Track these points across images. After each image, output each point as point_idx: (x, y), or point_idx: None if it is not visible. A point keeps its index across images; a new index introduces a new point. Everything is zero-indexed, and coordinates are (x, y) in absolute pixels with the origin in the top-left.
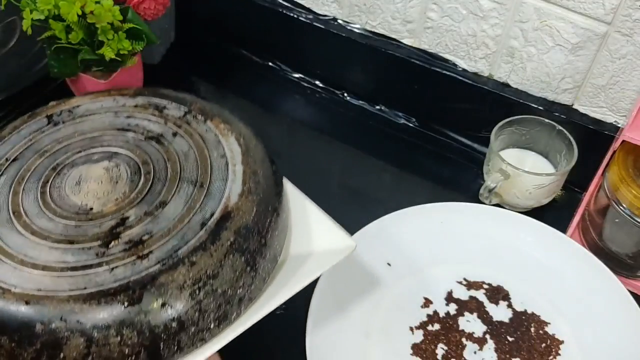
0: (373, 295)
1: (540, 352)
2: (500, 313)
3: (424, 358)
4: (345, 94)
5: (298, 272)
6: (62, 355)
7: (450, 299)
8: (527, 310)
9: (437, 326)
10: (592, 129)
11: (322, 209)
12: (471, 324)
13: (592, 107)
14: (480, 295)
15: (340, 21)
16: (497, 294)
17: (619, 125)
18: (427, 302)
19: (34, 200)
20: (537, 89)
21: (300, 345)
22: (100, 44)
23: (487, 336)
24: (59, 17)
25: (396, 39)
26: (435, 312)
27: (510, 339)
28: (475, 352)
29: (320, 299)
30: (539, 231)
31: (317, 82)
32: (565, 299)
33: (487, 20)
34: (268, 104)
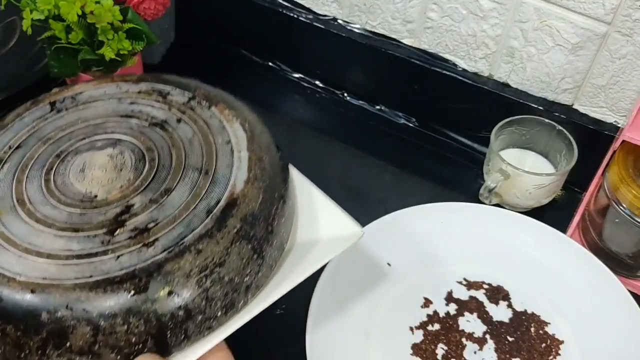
0: (373, 295)
1: (540, 352)
2: (500, 313)
3: (424, 358)
4: (345, 94)
5: (305, 259)
6: (68, 344)
7: (450, 299)
8: (527, 310)
9: (437, 326)
10: (592, 129)
11: None
12: (471, 324)
13: (592, 107)
14: (480, 295)
15: (340, 21)
16: (497, 294)
17: (619, 125)
18: (427, 302)
19: (37, 188)
20: (537, 89)
21: (300, 345)
22: (100, 44)
23: (487, 336)
24: (59, 17)
25: (396, 39)
26: (435, 312)
27: (510, 339)
28: (475, 352)
29: (320, 298)
30: (539, 231)
31: (317, 82)
32: (565, 299)
33: (487, 20)
34: (268, 104)
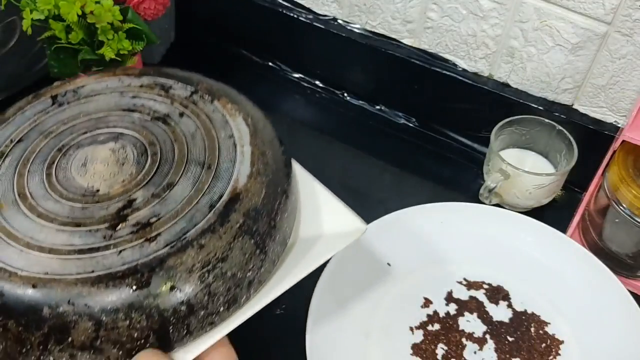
0: (373, 295)
1: (540, 352)
2: (500, 313)
3: (424, 358)
4: (345, 94)
5: (308, 254)
6: (70, 339)
7: (450, 299)
8: (527, 310)
9: (437, 326)
10: (592, 129)
11: None
12: (471, 324)
13: (592, 107)
14: (480, 295)
15: (340, 21)
16: (497, 294)
17: (619, 125)
18: (427, 302)
19: (39, 182)
20: (537, 89)
21: (300, 345)
22: (100, 44)
23: (487, 336)
24: (59, 17)
25: (396, 39)
26: (435, 312)
27: (510, 339)
28: (475, 352)
29: (320, 298)
30: (539, 231)
31: (317, 82)
32: (565, 299)
33: (487, 20)
34: (268, 104)
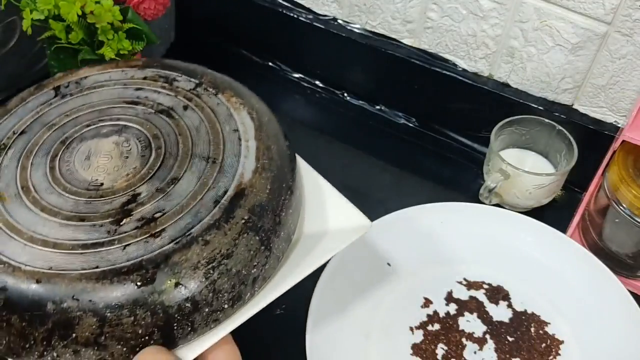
0: (373, 295)
1: (540, 352)
2: (500, 313)
3: (424, 358)
4: (345, 94)
5: (312, 251)
6: (74, 335)
7: (450, 299)
8: (527, 310)
9: (437, 326)
10: (592, 129)
11: None
12: (471, 324)
13: (592, 107)
14: (480, 295)
15: (340, 21)
16: (497, 294)
17: (619, 125)
18: (427, 302)
19: (42, 175)
20: (537, 89)
21: (300, 345)
22: (100, 44)
23: (487, 336)
24: (59, 17)
25: (396, 39)
26: (435, 312)
27: (510, 339)
28: (475, 352)
29: (320, 299)
30: (539, 231)
31: (317, 82)
32: (565, 299)
33: (487, 20)
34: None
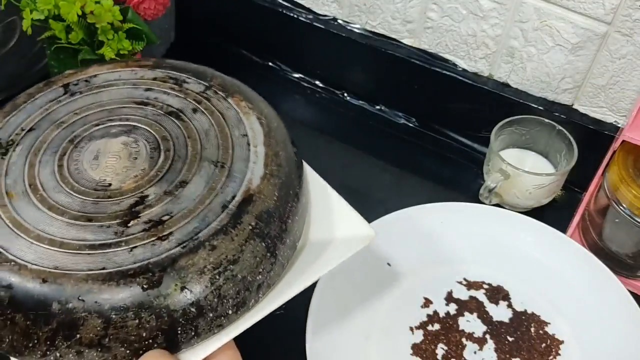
0: (373, 295)
1: (540, 352)
2: (500, 313)
3: (424, 358)
4: (345, 94)
5: (317, 259)
6: (78, 335)
7: (450, 299)
8: (527, 310)
9: (437, 326)
10: (592, 129)
11: None
12: (471, 324)
13: (592, 107)
14: (480, 295)
15: (340, 21)
16: (497, 294)
17: (619, 125)
18: (427, 302)
19: (50, 173)
20: (537, 89)
21: (300, 346)
22: (100, 44)
23: (487, 336)
24: (59, 17)
25: (396, 39)
26: (435, 312)
27: (510, 339)
28: (475, 352)
29: (320, 299)
30: (539, 231)
31: (317, 82)
32: (565, 299)
33: (487, 20)
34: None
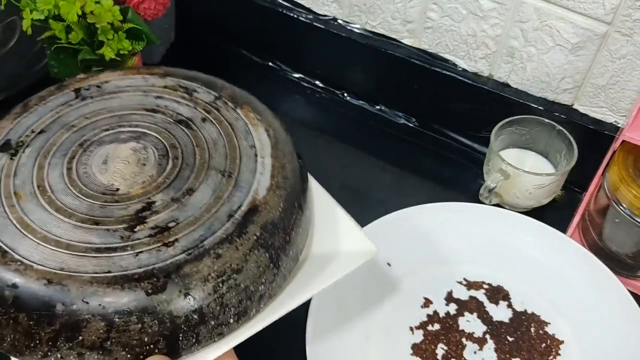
0: (373, 295)
1: (540, 352)
2: (500, 313)
3: (424, 358)
4: (345, 94)
5: (318, 272)
6: (80, 337)
7: (450, 299)
8: (527, 310)
9: (437, 326)
10: (592, 129)
11: None
12: (471, 324)
13: (592, 107)
14: (480, 295)
15: (340, 21)
16: (497, 294)
17: (619, 125)
18: (427, 302)
19: (59, 176)
20: (537, 89)
21: (300, 345)
22: (100, 44)
23: (487, 336)
24: (59, 17)
25: (396, 39)
26: (435, 312)
27: (510, 339)
28: (475, 352)
29: (320, 299)
30: (539, 231)
31: (317, 82)
32: (565, 299)
33: (487, 20)
34: (268, 104)
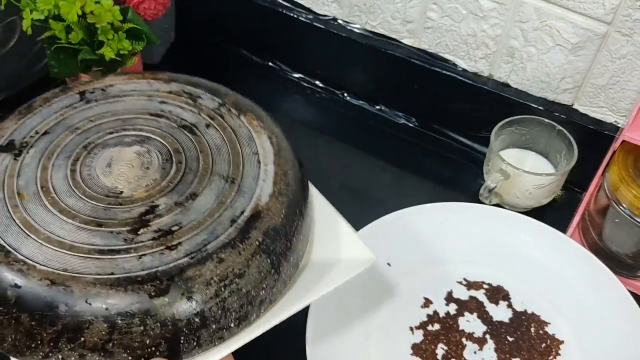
0: (373, 295)
1: (540, 352)
2: (500, 313)
3: (424, 358)
4: (345, 94)
5: (317, 279)
6: (82, 339)
7: (450, 299)
8: (527, 310)
9: (437, 326)
10: (592, 129)
11: None
12: (471, 324)
13: (592, 107)
14: (480, 295)
15: (340, 21)
16: (497, 294)
17: (619, 125)
18: (427, 302)
19: (63, 177)
20: (537, 89)
21: (300, 345)
22: (100, 44)
23: (487, 336)
24: (59, 17)
25: (396, 39)
26: (435, 312)
27: (510, 339)
28: (475, 352)
29: (320, 300)
30: (539, 231)
31: (317, 82)
32: (565, 299)
33: (487, 20)
34: (268, 104)
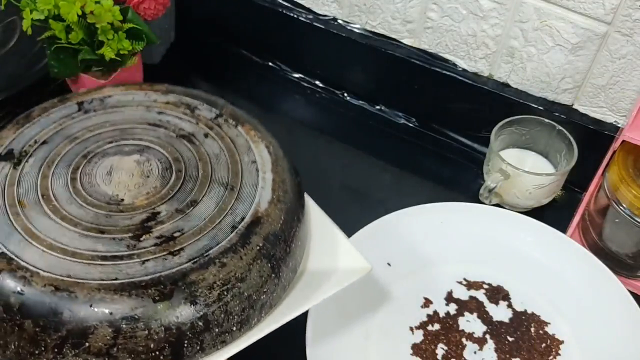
0: (373, 295)
1: (540, 352)
2: (500, 313)
3: (424, 358)
4: (345, 94)
5: (315, 286)
6: (86, 344)
7: (450, 299)
8: (527, 310)
9: (437, 326)
10: (592, 129)
11: (322, 209)
12: (471, 324)
13: (592, 107)
14: (480, 295)
15: (340, 21)
16: (497, 294)
17: (619, 125)
18: (427, 302)
19: (64, 185)
20: (537, 89)
21: (300, 346)
22: (100, 44)
23: (487, 336)
24: (59, 17)
25: (396, 39)
26: (435, 312)
27: (510, 339)
28: (475, 352)
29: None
30: (539, 231)
31: (317, 82)
32: (565, 299)
33: (487, 20)
34: (268, 104)
